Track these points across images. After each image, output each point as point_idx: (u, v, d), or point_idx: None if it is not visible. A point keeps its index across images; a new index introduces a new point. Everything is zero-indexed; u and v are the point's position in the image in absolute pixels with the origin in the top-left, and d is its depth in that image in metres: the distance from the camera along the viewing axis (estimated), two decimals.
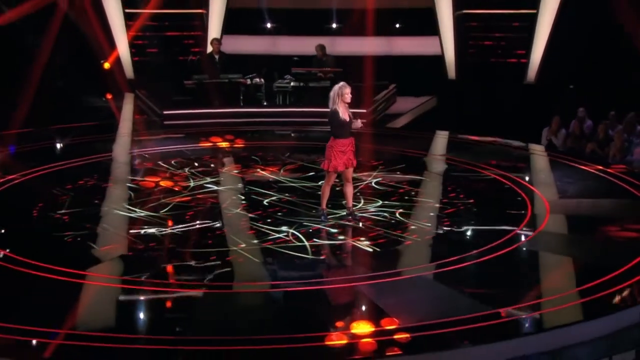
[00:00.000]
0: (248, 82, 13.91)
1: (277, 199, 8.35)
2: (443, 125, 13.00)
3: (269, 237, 7.08)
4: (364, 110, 12.88)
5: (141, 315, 5.69)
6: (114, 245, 7.03)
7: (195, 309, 5.66)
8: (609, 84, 13.20)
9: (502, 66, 16.15)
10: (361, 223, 7.51)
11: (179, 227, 7.36)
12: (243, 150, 11.38)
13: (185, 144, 11.50)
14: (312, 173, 9.40)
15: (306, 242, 6.94)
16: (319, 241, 7.05)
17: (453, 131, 12.62)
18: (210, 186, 8.98)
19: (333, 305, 5.79)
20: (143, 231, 7.26)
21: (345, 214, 7.69)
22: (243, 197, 8.52)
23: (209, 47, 14.36)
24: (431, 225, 7.56)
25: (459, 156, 10.63)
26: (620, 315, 5.51)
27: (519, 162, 10.37)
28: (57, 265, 6.21)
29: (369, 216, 7.75)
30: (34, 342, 4.94)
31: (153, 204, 8.13)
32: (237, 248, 6.81)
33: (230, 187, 9.07)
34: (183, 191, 8.71)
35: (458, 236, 7.24)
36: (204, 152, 11.11)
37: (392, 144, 11.52)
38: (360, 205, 8.08)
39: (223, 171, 9.98)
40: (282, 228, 7.34)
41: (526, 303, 5.61)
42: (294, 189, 8.78)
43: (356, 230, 7.35)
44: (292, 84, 14.02)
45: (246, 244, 6.91)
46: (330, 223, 7.50)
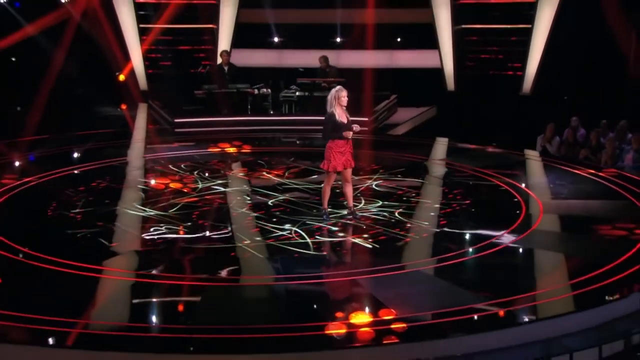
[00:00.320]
0: (255, 92, 14.31)
1: (281, 200, 8.70)
2: (442, 134, 13.33)
3: (273, 235, 7.41)
4: (366, 118, 13.25)
5: (153, 306, 6.00)
6: (125, 241, 7.37)
7: (203, 301, 5.90)
8: (601, 94, 13.53)
9: (499, 78, 16.48)
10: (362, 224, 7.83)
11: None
12: (250, 155, 11.73)
13: (195, 150, 11.89)
14: (315, 176, 9.75)
15: (308, 239, 7.26)
16: (321, 238, 7.37)
17: (452, 139, 12.95)
18: (217, 188, 9.34)
19: (333, 297, 6.08)
20: (153, 228, 7.60)
21: (346, 213, 8.02)
22: (249, 198, 8.88)
23: (219, 59, 14.78)
24: (429, 224, 7.87)
25: (457, 161, 10.98)
26: (609, 307, 5.74)
27: (515, 167, 10.67)
28: (72, 260, 6.52)
29: (369, 215, 8.07)
30: (55, 332, 5.15)
31: (163, 204, 8.49)
32: (242, 244, 7.13)
33: (236, 189, 9.42)
34: (192, 192, 9.07)
35: (455, 234, 7.54)
36: (213, 157, 11.49)
37: (392, 150, 11.91)
38: (360, 205, 8.40)
39: (230, 174, 10.33)
40: (286, 226, 7.67)
41: (519, 295, 5.84)
42: (298, 191, 9.11)
43: (357, 228, 7.67)
44: (298, 94, 14.42)
45: (251, 241, 7.25)
46: (331, 222, 7.83)
